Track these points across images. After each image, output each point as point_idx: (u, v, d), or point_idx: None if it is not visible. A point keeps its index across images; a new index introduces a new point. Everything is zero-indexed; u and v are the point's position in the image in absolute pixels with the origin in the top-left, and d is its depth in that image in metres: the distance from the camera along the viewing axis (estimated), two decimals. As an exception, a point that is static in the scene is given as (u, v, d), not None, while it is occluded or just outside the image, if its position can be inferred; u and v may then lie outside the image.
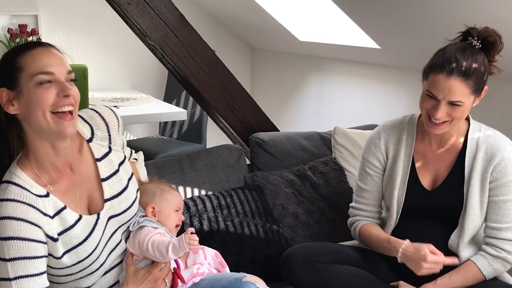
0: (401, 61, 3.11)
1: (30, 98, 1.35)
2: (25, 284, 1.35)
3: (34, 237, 1.36)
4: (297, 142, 2.54)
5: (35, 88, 1.34)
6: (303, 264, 1.80)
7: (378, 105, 3.43)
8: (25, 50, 1.37)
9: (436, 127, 1.75)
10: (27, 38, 3.77)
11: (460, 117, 1.73)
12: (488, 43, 1.72)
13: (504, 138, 1.79)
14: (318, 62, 3.95)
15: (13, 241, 1.34)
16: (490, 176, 1.75)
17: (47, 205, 1.40)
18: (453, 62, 1.68)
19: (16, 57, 1.37)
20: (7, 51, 1.43)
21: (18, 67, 1.36)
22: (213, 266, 1.72)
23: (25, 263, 1.35)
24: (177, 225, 1.68)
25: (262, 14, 3.69)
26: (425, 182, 1.86)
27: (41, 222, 1.38)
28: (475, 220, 1.77)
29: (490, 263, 1.76)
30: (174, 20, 2.38)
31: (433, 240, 1.81)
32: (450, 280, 1.76)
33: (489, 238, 1.78)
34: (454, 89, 1.67)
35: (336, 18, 3.16)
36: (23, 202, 1.37)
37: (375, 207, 1.97)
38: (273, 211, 2.25)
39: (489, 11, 2.19)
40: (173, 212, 1.67)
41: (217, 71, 2.53)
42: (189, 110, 3.88)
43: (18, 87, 1.36)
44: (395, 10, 2.59)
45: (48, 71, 1.35)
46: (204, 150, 2.37)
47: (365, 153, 1.96)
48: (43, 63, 1.36)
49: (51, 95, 1.35)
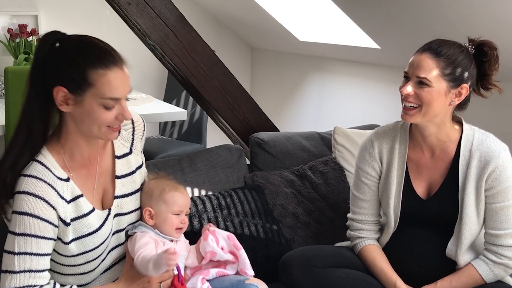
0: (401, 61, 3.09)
1: (90, 112, 1.38)
2: (27, 260, 1.38)
3: (47, 217, 1.40)
4: (297, 142, 2.54)
5: (99, 107, 1.38)
6: (301, 270, 1.79)
7: (378, 105, 3.43)
8: (102, 66, 1.36)
9: (407, 112, 1.73)
10: (27, 38, 3.77)
11: (428, 101, 1.69)
12: (481, 51, 1.73)
13: (498, 143, 1.76)
14: (318, 62, 3.94)
15: (26, 217, 1.37)
16: (485, 184, 1.72)
17: (65, 189, 1.44)
18: (428, 44, 1.73)
19: (90, 70, 1.35)
20: (79, 48, 1.38)
21: (89, 82, 1.36)
22: (227, 250, 1.62)
23: (32, 240, 1.38)
24: (179, 228, 1.58)
25: (262, 14, 3.69)
26: (420, 191, 1.83)
27: (57, 204, 1.41)
28: (472, 228, 1.75)
29: (491, 269, 1.75)
30: (174, 20, 2.38)
31: (431, 247, 1.81)
32: (451, 285, 1.76)
33: (489, 245, 1.76)
34: (423, 63, 1.69)
35: (336, 18, 3.16)
36: (44, 181, 1.40)
37: (375, 216, 1.93)
38: (273, 211, 2.25)
39: (489, 10, 2.19)
40: (171, 215, 1.57)
41: (217, 71, 2.53)
42: (189, 110, 3.88)
43: (81, 97, 1.38)
44: (395, 10, 2.59)
45: (117, 97, 1.39)
46: (204, 150, 2.37)
47: (360, 162, 1.92)
48: (115, 87, 1.38)
49: (111, 116, 1.40)
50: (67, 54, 1.38)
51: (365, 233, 1.92)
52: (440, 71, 1.68)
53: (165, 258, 1.41)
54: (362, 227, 1.92)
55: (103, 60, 1.37)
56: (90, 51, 1.38)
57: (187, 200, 1.62)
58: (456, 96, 1.72)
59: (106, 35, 1.59)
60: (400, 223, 1.86)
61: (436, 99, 1.69)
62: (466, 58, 1.71)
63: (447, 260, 1.79)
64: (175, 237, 1.59)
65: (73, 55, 1.37)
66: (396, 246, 1.87)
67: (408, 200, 1.83)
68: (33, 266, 1.39)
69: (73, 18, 4.07)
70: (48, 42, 1.41)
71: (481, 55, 1.73)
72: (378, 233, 1.94)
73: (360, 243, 1.92)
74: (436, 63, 1.68)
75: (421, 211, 1.82)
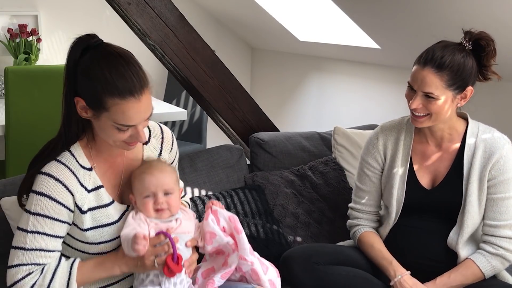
0: (401, 61, 3.10)
1: (104, 128, 1.42)
2: (39, 240, 1.41)
3: (64, 201, 1.43)
4: (297, 142, 2.54)
5: (113, 127, 1.40)
6: (302, 266, 1.80)
7: (378, 105, 3.43)
8: (118, 96, 1.35)
9: (417, 119, 1.78)
10: (27, 38, 3.77)
11: (437, 111, 1.73)
12: (478, 46, 1.74)
13: (502, 137, 1.81)
14: (318, 62, 3.94)
15: (43, 198, 1.41)
16: (488, 174, 1.76)
17: (87, 178, 1.48)
18: (430, 54, 1.72)
19: (106, 96, 1.35)
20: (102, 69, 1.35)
21: (105, 107, 1.36)
22: (228, 232, 1.57)
23: (46, 221, 1.42)
24: (159, 210, 1.50)
25: (262, 14, 3.69)
26: (424, 182, 1.86)
27: (75, 190, 1.45)
28: (474, 217, 1.78)
29: (488, 261, 1.76)
30: (174, 20, 2.38)
31: (433, 238, 1.83)
32: (450, 279, 1.77)
33: (487, 236, 1.79)
34: (427, 79, 1.70)
35: (336, 18, 3.16)
36: (67, 166, 1.45)
37: (374, 208, 1.98)
38: (273, 211, 2.25)
39: (489, 10, 2.19)
40: (143, 199, 1.50)
41: (217, 71, 2.53)
42: (189, 110, 3.88)
43: (97, 114, 1.40)
44: (395, 10, 2.59)
45: (130, 125, 1.39)
46: (204, 150, 2.37)
47: (364, 154, 1.98)
48: (128, 117, 1.37)
49: (125, 137, 1.42)
50: (90, 71, 1.37)
51: (363, 221, 1.98)
52: (444, 84, 1.70)
53: (131, 241, 1.40)
54: (361, 215, 1.98)
55: (121, 90, 1.35)
56: (112, 76, 1.35)
57: (157, 180, 1.51)
58: (462, 98, 1.76)
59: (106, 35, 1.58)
60: (401, 214, 1.88)
61: (443, 107, 1.74)
62: (468, 62, 1.72)
63: (448, 251, 1.81)
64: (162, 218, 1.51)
65: (94, 76, 1.36)
66: (397, 237, 1.89)
67: (411, 190, 1.86)
68: (44, 246, 1.42)
69: (73, 18, 4.07)
70: (80, 47, 1.40)
71: (478, 49, 1.74)
72: (377, 223, 1.99)
73: (358, 230, 1.97)
74: (440, 77, 1.70)
75: (425, 201, 1.85)
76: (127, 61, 1.39)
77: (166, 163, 1.61)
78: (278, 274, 1.68)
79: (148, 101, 1.40)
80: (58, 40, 4.08)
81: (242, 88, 2.64)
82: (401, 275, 1.79)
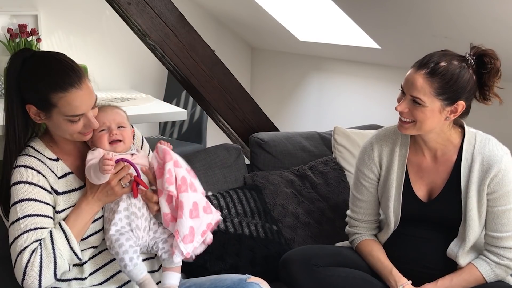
0: (401, 61, 3.10)
1: (59, 125, 1.53)
2: (32, 222, 1.47)
3: (41, 183, 1.52)
4: (297, 142, 2.54)
5: (65, 121, 1.51)
6: (302, 268, 1.79)
7: (378, 105, 3.43)
8: (60, 89, 1.47)
9: (402, 124, 1.75)
10: (27, 38, 3.77)
11: (421, 120, 1.69)
12: (482, 62, 1.69)
13: (500, 147, 1.75)
14: (318, 62, 3.94)
15: (22, 185, 1.50)
16: (487, 188, 1.72)
17: (55, 167, 1.57)
18: (426, 59, 1.69)
19: (50, 94, 1.47)
20: (40, 71, 1.49)
21: (52, 104, 1.48)
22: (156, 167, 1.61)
23: (32, 204, 1.49)
24: (114, 141, 1.60)
25: (262, 14, 3.69)
26: (420, 194, 1.83)
27: (48, 175, 1.54)
28: (476, 231, 1.75)
29: (492, 269, 1.76)
30: (174, 20, 2.38)
31: (432, 247, 1.81)
32: (452, 283, 1.76)
33: (491, 246, 1.76)
34: (417, 83, 1.67)
35: (336, 18, 3.16)
36: (35, 157, 1.55)
37: (373, 216, 1.95)
38: (273, 211, 2.25)
39: (489, 10, 2.19)
40: (99, 133, 1.60)
41: (217, 71, 2.53)
42: (189, 110, 3.88)
43: (48, 114, 1.51)
44: (395, 10, 2.59)
45: (79, 113, 1.51)
46: (202, 150, 2.37)
47: (359, 164, 1.93)
48: (75, 107, 1.49)
49: (79, 127, 1.53)
50: (31, 77, 1.49)
51: (362, 230, 1.95)
52: (434, 91, 1.66)
53: (100, 163, 1.49)
54: (360, 224, 1.95)
55: (61, 84, 1.47)
56: (50, 75, 1.48)
57: (111, 115, 1.64)
58: (452, 112, 1.70)
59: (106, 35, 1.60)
60: (400, 223, 1.86)
61: (430, 117, 1.69)
62: (464, 74, 1.67)
63: (448, 260, 1.80)
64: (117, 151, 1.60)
65: (35, 79, 1.49)
66: (396, 245, 1.88)
67: (408, 202, 1.83)
68: (38, 224, 1.48)
69: (73, 18, 4.07)
70: (19, 60, 1.51)
71: (481, 66, 1.69)
72: (376, 230, 1.97)
73: (356, 239, 1.95)
74: (430, 83, 1.65)
75: (422, 214, 1.82)
76: (59, 60, 1.52)
77: (119, 107, 1.71)
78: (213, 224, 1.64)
79: (89, 89, 1.53)
80: (58, 40, 4.07)
81: (242, 88, 2.64)
82: (402, 285, 1.77)
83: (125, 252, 1.51)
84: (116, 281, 1.62)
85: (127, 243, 1.52)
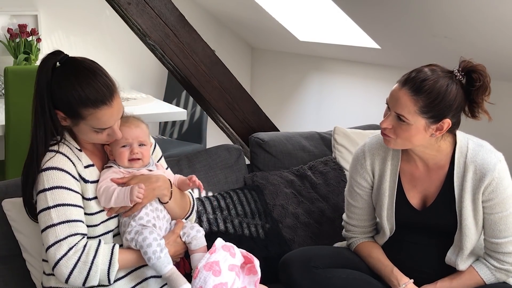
0: (401, 61, 3.10)
1: (84, 133, 1.57)
2: (63, 211, 1.49)
3: (69, 170, 1.53)
4: (297, 142, 2.54)
5: (91, 131, 1.55)
6: (301, 270, 1.79)
7: (378, 105, 3.42)
8: (92, 106, 1.49)
9: (385, 137, 1.73)
10: (27, 38, 3.77)
11: (404, 137, 1.67)
12: (470, 78, 1.65)
13: (493, 154, 1.71)
14: (318, 62, 3.94)
15: (52, 170, 1.51)
16: (482, 196, 1.70)
17: (81, 156, 1.59)
18: (412, 75, 1.65)
19: (81, 107, 1.49)
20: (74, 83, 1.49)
21: (82, 116, 1.51)
22: None
23: (62, 192, 1.50)
24: (133, 159, 1.64)
25: (262, 14, 3.69)
26: (414, 202, 1.82)
27: (76, 161, 1.56)
28: (472, 238, 1.74)
29: (492, 273, 1.75)
30: (174, 20, 2.38)
31: (429, 252, 1.81)
32: (451, 285, 1.76)
33: (491, 251, 1.76)
34: (401, 100, 1.63)
35: (336, 18, 3.16)
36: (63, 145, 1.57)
37: (368, 221, 1.94)
38: (273, 212, 2.25)
39: (489, 10, 2.19)
40: (120, 149, 1.63)
41: (217, 71, 2.53)
42: (189, 110, 3.88)
43: (75, 122, 1.54)
44: (395, 10, 2.59)
45: (105, 128, 1.55)
46: (203, 151, 2.37)
47: (352, 172, 1.91)
48: (103, 122, 1.53)
49: (103, 136, 1.57)
50: (63, 87, 1.50)
51: (358, 234, 1.95)
52: (418, 110, 1.62)
53: (135, 191, 1.52)
54: (355, 229, 1.95)
55: (93, 101, 1.49)
56: (82, 88, 1.49)
57: (134, 132, 1.66)
58: (438, 129, 1.67)
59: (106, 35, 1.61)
60: (396, 230, 1.85)
61: (414, 135, 1.66)
62: (450, 92, 1.62)
63: (445, 265, 1.79)
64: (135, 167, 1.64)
65: (66, 90, 1.49)
66: (393, 250, 1.87)
67: (402, 211, 1.82)
68: (69, 216, 1.49)
69: (73, 18, 4.07)
70: (50, 64, 1.52)
71: (469, 82, 1.65)
72: (373, 232, 1.96)
73: (354, 242, 1.95)
74: (415, 102, 1.62)
75: (417, 222, 1.82)
76: (94, 73, 1.52)
77: (141, 119, 1.72)
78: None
79: (119, 105, 1.55)
80: (58, 40, 4.07)
81: (242, 88, 2.64)
82: (405, 284, 1.77)
83: (149, 245, 1.53)
84: (135, 276, 1.62)
85: (150, 236, 1.54)
